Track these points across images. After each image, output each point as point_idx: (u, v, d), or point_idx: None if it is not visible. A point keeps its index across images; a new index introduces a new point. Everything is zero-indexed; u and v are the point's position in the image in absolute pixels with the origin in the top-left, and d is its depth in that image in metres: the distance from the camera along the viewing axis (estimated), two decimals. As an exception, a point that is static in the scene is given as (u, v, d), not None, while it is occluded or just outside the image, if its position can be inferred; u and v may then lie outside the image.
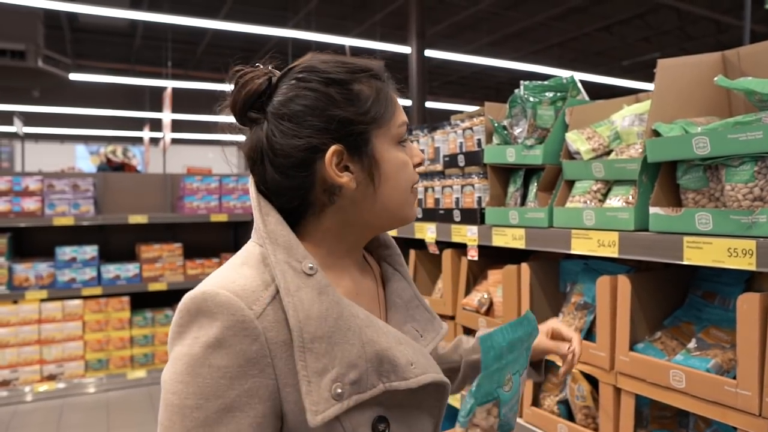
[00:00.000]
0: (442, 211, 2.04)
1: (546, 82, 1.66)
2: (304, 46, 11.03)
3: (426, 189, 2.20)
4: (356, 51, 9.82)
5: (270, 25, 9.42)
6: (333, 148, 0.78)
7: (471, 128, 1.94)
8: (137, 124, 16.30)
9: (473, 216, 1.87)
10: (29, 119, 16.32)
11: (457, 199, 2.01)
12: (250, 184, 0.86)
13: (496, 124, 1.77)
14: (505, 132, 1.74)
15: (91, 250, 4.60)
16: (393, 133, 0.83)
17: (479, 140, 1.90)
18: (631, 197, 1.41)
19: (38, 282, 4.46)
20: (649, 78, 1.50)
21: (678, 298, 1.52)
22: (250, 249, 0.82)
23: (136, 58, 14.07)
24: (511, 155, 1.70)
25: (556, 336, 1.16)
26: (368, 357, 0.75)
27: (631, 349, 1.38)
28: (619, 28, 12.01)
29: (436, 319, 0.96)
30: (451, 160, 2.04)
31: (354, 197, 0.82)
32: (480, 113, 1.90)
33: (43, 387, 4.39)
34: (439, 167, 2.14)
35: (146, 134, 12.49)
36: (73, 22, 11.36)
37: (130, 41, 12.97)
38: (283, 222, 0.80)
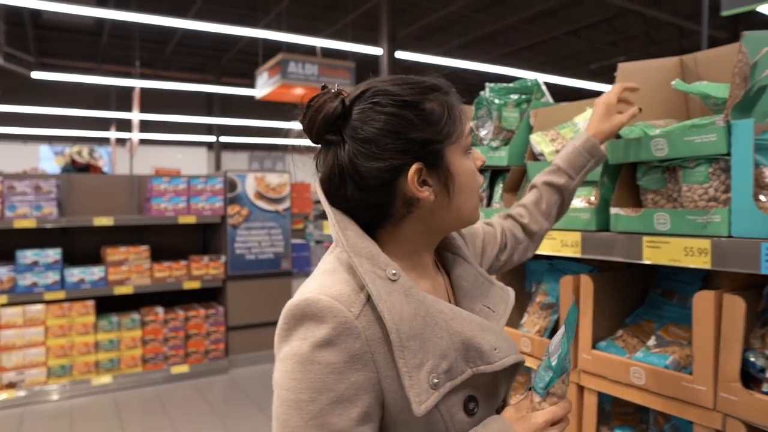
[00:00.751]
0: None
1: (511, 85, 1.68)
2: (275, 47, 10.98)
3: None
4: (327, 52, 9.79)
5: (240, 25, 9.32)
6: (414, 167, 0.84)
7: (438, 130, 1.95)
8: (103, 124, 15.97)
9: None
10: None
11: (425, 200, 2.01)
12: (322, 200, 0.90)
13: (462, 126, 1.78)
14: (471, 134, 1.75)
15: (54, 254, 4.48)
16: (463, 145, 0.89)
17: (446, 142, 1.91)
18: (593, 198, 1.43)
19: (-2, 286, 4.33)
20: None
21: (639, 297, 1.55)
22: (338, 256, 0.88)
23: (103, 56, 13.79)
24: (477, 156, 1.72)
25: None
26: (456, 346, 0.83)
27: (594, 347, 1.41)
28: (587, 32, 12.24)
29: (504, 289, 1.02)
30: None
31: (432, 207, 0.88)
32: (447, 115, 1.92)
33: (2, 396, 4.26)
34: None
35: (113, 134, 12.25)
36: (36, 19, 11.08)
37: (96, 39, 12.72)
38: (361, 234, 0.86)
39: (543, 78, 1.73)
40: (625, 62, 1.42)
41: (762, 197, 1.13)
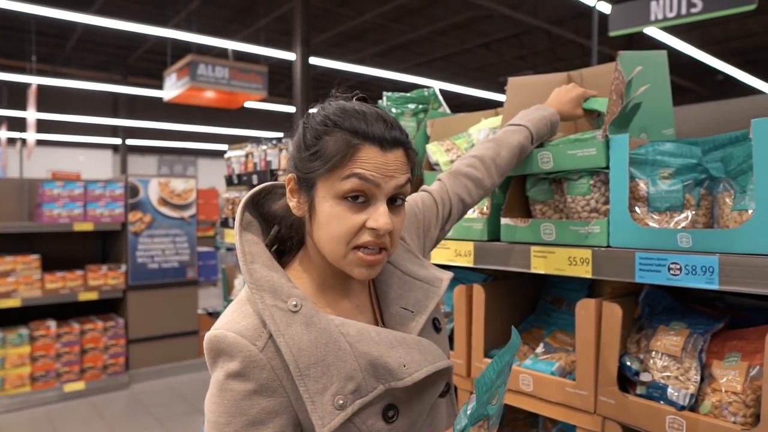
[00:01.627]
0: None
1: (408, 94, 1.69)
2: (185, 48, 10.60)
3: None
4: (240, 55, 9.56)
5: (148, 23, 8.92)
6: (290, 175, 0.92)
7: (340, 137, 1.93)
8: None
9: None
10: None
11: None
12: (236, 227, 0.94)
13: (362, 134, 1.77)
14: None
15: (-73, 264, 4.06)
16: (336, 186, 0.86)
17: (347, 150, 1.89)
18: (485, 208, 1.46)
19: None
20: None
21: (531, 305, 1.60)
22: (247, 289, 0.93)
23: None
24: (376, 165, 1.71)
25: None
26: (363, 367, 0.87)
27: (487, 355, 1.43)
28: (498, 46, 12.70)
29: (433, 281, 1.02)
30: (321, 169, 2.02)
31: (310, 230, 0.92)
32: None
33: None
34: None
35: (3, 134, 11.35)
36: None
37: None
38: (270, 264, 0.92)
39: (454, 89, 1.75)
40: (514, 77, 1.46)
41: (637, 209, 1.19)
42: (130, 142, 18.58)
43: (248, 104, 11.88)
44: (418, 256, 1.07)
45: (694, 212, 1.14)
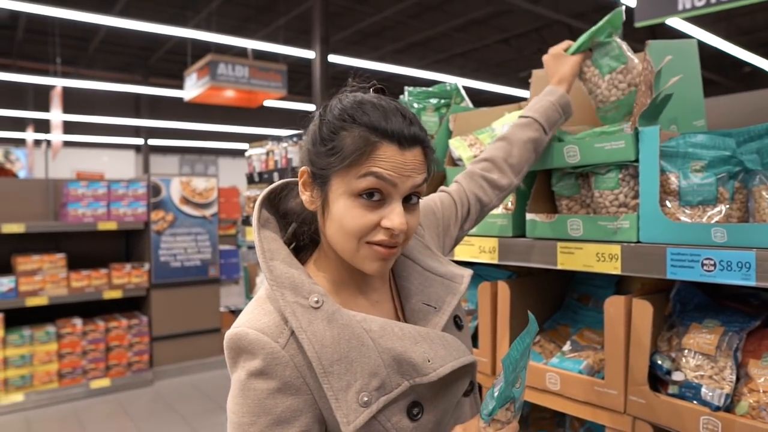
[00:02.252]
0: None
1: (430, 89, 1.67)
2: (204, 48, 10.67)
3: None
4: (259, 54, 9.60)
5: (169, 24, 9.00)
6: (303, 168, 0.91)
7: (360, 134, 1.91)
8: (19, 124, 15.06)
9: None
10: None
11: (348, 205, 1.97)
12: (254, 225, 0.94)
13: (383, 130, 1.75)
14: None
15: (-43, 263, 4.15)
16: (353, 183, 0.84)
17: (369, 146, 1.88)
18: (510, 204, 1.44)
19: None
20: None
21: (557, 302, 1.57)
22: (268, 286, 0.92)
23: (19, 52, 13.01)
24: (398, 162, 1.69)
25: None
26: (387, 363, 0.85)
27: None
28: (517, 41, 12.58)
29: (454, 278, 1.01)
30: (342, 166, 2.01)
31: (323, 226, 0.90)
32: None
33: None
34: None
35: (30, 136, 11.55)
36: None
37: (10, 33, 11.98)
38: (289, 261, 0.91)
39: (474, 85, 1.72)
40: (539, 70, 1.43)
41: (668, 203, 1.15)
42: (152, 142, 18.81)
43: (268, 103, 11.94)
44: (436, 253, 1.05)
45: (728, 206, 1.10)
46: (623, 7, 1.27)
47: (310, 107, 9.87)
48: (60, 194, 4.83)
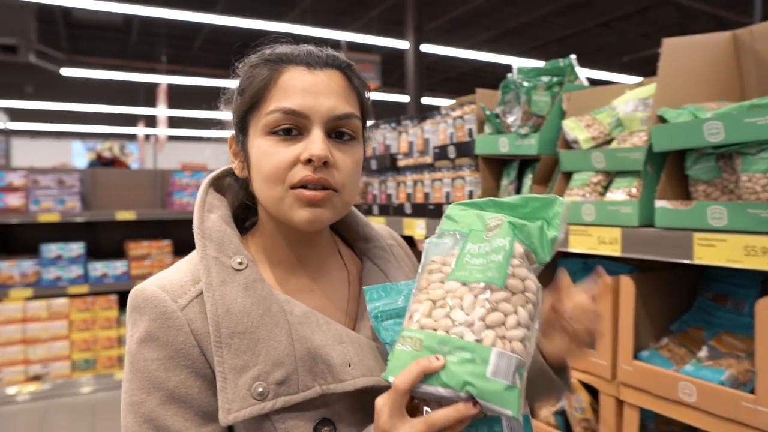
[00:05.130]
0: (431, 207, 1.92)
1: (542, 66, 1.54)
2: (299, 41, 10.89)
3: (415, 183, 2.08)
4: (353, 46, 9.69)
5: (267, 20, 9.26)
6: (231, 134, 0.83)
7: (462, 117, 1.81)
8: (131, 120, 16.14)
9: (464, 211, 1.73)
10: (23, 115, 16.17)
11: (448, 193, 1.88)
12: (202, 187, 0.86)
13: (488, 113, 1.64)
14: (498, 120, 1.61)
15: (77, 248, 4.46)
16: (262, 120, 0.76)
17: (470, 130, 1.77)
18: (634, 190, 1.28)
19: (23, 280, 4.33)
20: (651, 74, 1.38)
21: (686, 301, 1.39)
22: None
23: (132, 53, 13.93)
24: (504, 145, 1.57)
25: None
26: (299, 355, 0.72)
27: (635, 357, 1.26)
28: (619, 24, 11.88)
29: None
30: (441, 152, 1.91)
31: (252, 186, 0.81)
32: (471, 101, 1.78)
33: (29, 388, 4.26)
34: (429, 159, 2.02)
35: (140, 130, 12.36)
36: (67, 17, 11.21)
37: (125, 37, 12.83)
38: (227, 219, 0.82)
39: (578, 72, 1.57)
40: (671, 38, 1.26)
41: (838, 188, 0.97)
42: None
43: (360, 95, 12.03)
44: (413, 271, 0.95)
45: None
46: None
47: (403, 98, 9.83)
48: (167, 184, 5.08)
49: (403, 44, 8.82)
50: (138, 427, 0.70)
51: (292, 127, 0.75)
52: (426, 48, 9.02)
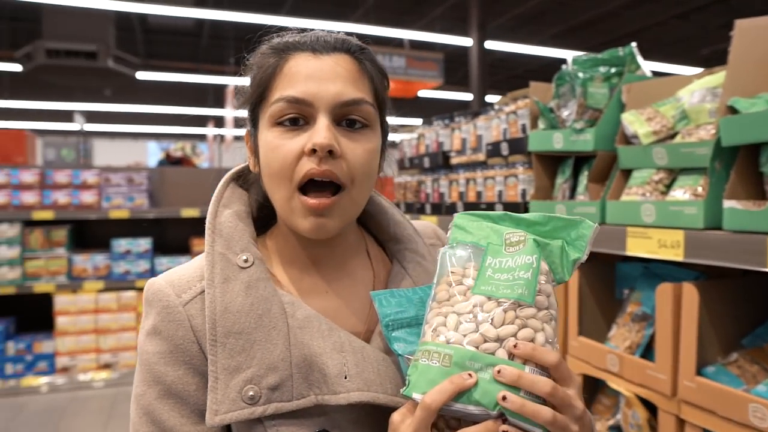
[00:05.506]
0: (483, 206, 1.84)
1: (599, 55, 1.43)
2: (362, 41, 10.96)
3: (468, 181, 2.01)
4: (416, 44, 9.65)
5: (331, 20, 9.36)
6: (246, 131, 0.80)
7: (515, 112, 1.72)
8: (201, 121, 16.75)
9: (516, 211, 1.65)
10: (102, 117, 17.10)
11: (500, 192, 1.80)
12: (222, 181, 0.85)
13: (541, 106, 1.55)
14: (552, 115, 1.52)
15: (145, 243, 4.64)
16: (268, 111, 0.73)
17: (524, 126, 1.69)
18: (700, 188, 1.17)
19: (95, 273, 4.55)
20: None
21: (760, 313, 1.26)
22: None
23: (203, 56, 14.44)
24: (558, 141, 1.48)
25: None
26: (295, 361, 0.69)
27: (699, 372, 1.14)
28: (699, 15, 11.25)
29: None
30: (493, 149, 1.83)
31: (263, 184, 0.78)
32: (525, 95, 1.69)
33: (101, 375, 4.48)
34: (481, 157, 1.94)
35: (210, 131, 12.82)
36: (144, 24, 11.74)
37: (196, 41, 13.32)
38: (241, 215, 0.79)
39: (645, 66, 1.45)
40: (743, 20, 1.14)
41: None
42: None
43: (424, 94, 11.98)
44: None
45: None
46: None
47: (467, 96, 9.68)
48: (229, 182, 5.22)
49: (466, 41, 8.69)
50: (138, 418, 0.71)
51: (298, 117, 0.71)
52: (490, 45, 8.85)
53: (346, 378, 0.69)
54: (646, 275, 1.40)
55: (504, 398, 0.56)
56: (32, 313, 4.67)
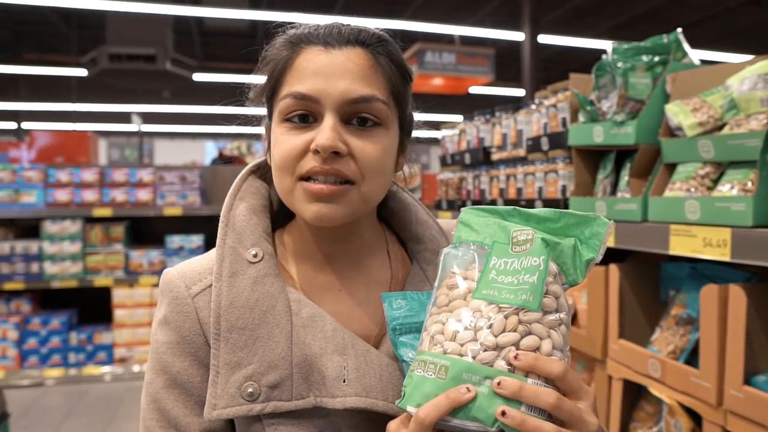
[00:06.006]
0: (523, 203, 1.78)
1: (641, 44, 1.36)
2: (412, 38, 10.92)
3: (508, 177, 1.95)
4: (467, 40, 9.55)
5: (383, 18, 9.37)
6: (265, 121, 0.80)
7: (555, 105, 1.66)
8: (258, 120, 17.13)
9: (556, 208, 1.59)
10: (161, 118, 17.74)
11: (540, 188, 1.74)
12: (244, 170, 0.86)
13: (581, 99, 1.48)
14: (593, 107, 1.45)
15: (197, 239, 4.77)
16: (278, 106, 0.72)
17: (564, 119, 1.62)
18: (750, 183, 1.09)
19: (150, 268, 4.71)
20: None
21: (819, 317, 1.16)
22: None
23: (257, 57, 14.75)
24: (598, 135, 1.41)
25: None
26: (296, 361, 0.68)
27: (747, 382, 1.06)
28: (770, 2, 10.63)
29: None
30: (534, 144, 1.78)
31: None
32: (565, 87, 1.62)
33: (153, 368, 4.65)
34: (522, 152, 1.88)
35: (259, 130, 13.13)
36: (200, 26, 12.09)
37: (250, 42, 13.60)
38: (257, 209, 0.79)
39: (710, 56, 1.36)
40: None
41: None
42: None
43: (475, 90, 11.84)
44: None
45: None
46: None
47: (519, 92, 9.48)
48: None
49: (518, 36, 8.52)
50: (146, 405, 0.73)
51: (307, 114, 0.70)
52: (543, 39, 8.64)
53: (344, 382, 0.68)
54: (693, 276, 1.32)
55: (503, 413, 0.53)
56: (92, 306, 4.89)
